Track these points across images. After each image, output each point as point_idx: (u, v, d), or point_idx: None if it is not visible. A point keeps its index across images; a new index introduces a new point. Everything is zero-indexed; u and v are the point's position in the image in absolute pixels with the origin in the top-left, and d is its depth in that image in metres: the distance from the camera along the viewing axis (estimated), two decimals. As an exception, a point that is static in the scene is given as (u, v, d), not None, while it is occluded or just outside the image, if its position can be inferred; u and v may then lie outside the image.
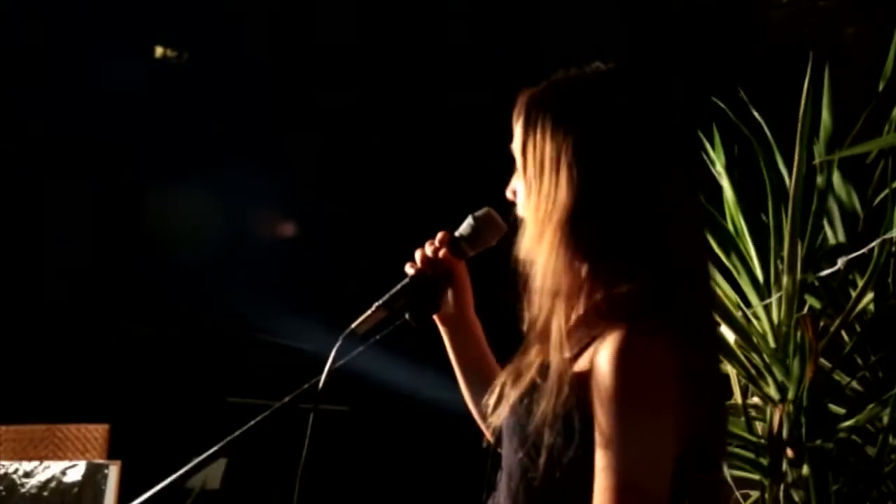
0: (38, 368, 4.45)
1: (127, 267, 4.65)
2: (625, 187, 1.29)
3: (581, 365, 1.24)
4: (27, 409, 3.93)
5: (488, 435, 1.52)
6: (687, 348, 1.23)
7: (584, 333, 1.26)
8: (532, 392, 1.26)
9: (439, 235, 1.51)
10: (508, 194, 1.42)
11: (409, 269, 1.50)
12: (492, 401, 1.34)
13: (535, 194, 1.32)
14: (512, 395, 1.30)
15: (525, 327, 1.33)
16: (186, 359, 4.74)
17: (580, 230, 1.28)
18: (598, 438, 1.20)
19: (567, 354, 1.25)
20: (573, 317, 1.29)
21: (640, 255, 1.28)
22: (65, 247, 4.61)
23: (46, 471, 3.53)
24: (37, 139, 4.56)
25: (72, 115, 4.50)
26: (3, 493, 3.55)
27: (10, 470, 3.53)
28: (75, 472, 3.50)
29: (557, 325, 1.27)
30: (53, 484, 3.52)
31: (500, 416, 1.32)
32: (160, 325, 4.74)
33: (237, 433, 1.48)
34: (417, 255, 1.50)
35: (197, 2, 4.65)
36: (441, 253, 1.49)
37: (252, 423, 1.51)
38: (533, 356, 1.29)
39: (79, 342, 4.65)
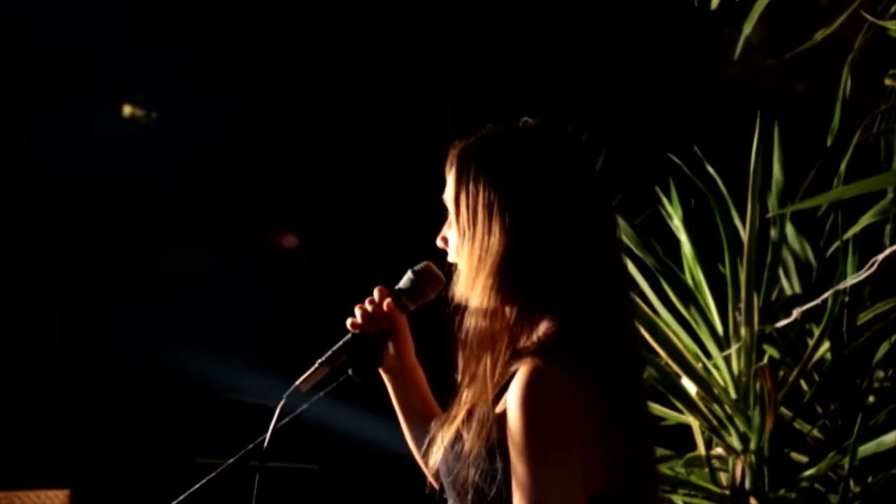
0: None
1: (84, 327, 4.62)
2: (554, 234, 1.34)
3: (501, 405, 1.29)
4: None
5: (431, 480, 1.54)
6: (598, 387, 1.26)
7: (506, 373, 1.31)
8: (460, 436, 1.31)
9: (376, 290, 1.54)
10: (439, 242, 1.46)
11: (350, 326, 1.53)
12: (427, 446, 1.38)
13: (469, 242, 1.36)
14: (444, 440, 1.35)
15: (459, 373, 1.37)
16: (150, 420, 4.68)
17: (512, 275, 1.32)
18: (513, 475, 1.24)
19: (490, 396, 1.29)
20: (500, 361, 1.33)
21: (566, 298, 1.32)
22: (21, 308, 4.57)
23: (6, 539, 3.46)
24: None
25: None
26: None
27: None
28: (36, 539, 3.43)
29: (483, 370, 1.31)
30: (12, 553, 3.45)
31: (436, 461, 1.36)
32: (121, 387, 4.69)
33: (184, 495, 1.47)
34: (357, 311, 1.53)
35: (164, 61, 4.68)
36: (386, 304, 1.52)
37: (200, 483, 1.51)
38: (463, 401, 1.33)
39: (36, 406, 4.58)
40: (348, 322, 1.53)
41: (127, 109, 5.04)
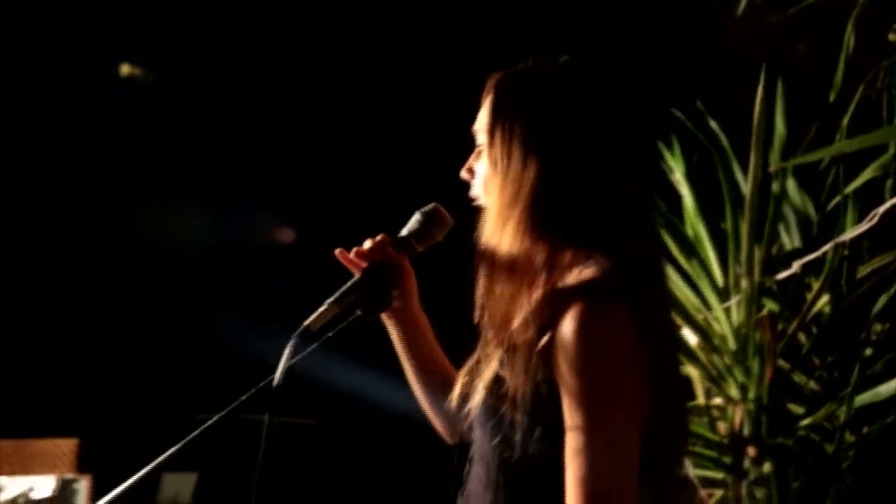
0: (4, 385, 4.42)
1: (99, 280, 4.64)
2: (590, 173, 1.30)
3: (543, 343, 1.25)
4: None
5: (442, 431, 1.54)
6: (644, 325, 1.24)
7: (545, 313, 1.27)
8: (499, 377, 1.27)
9: (379, 237, 1.50)
10: (464, 174, 1.42)
11: (354, 255, 1.49)
12: (456, 394, 1.35)
13: (502, 176, 1.31)
14: (480, 384, 1.29)
15: (479, 315, 1.33)
16: (156, 373, 4.72)
17: (545, 214, 1.29)
18: (566, 410, 1.21)
19: (532, 334, 1.25)
20: (533, 299, 1.29)
21: (602, 237, 1.29)
22: (41, 259, 4.59)
23: (16, 486, 3.52)
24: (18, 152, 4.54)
25: (56, 129, 4.48)
26: (-27, 509, 3.53)
27: (-21, 486, 3.52)
28: (46, 486, 3.49)
29: (522, 307, 1.28)
30: (22, 500, 3.51)
31: (471, 406, 1.32)
32: (130, 338, 4.73)
33: (182, 442, 1.45)
34: (357, 250, 1.49)
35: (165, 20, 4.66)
36: (383, 243, 1.47)
37: (204, 426, 1.48)
38: (494, 342, 1.30)
39: (46, 357, 4.63)
40: (352, 252, 1.49)
41: (125, 69, 5.02)
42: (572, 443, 1.21)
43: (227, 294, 4.56)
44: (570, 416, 1.22)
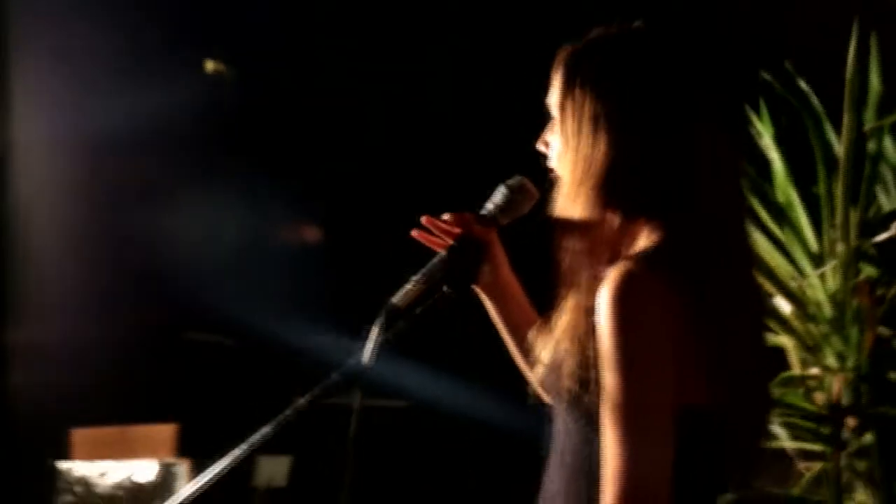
0: (107, 373, 4.57)
1: (186, 271, 4.76)
2: (664, 148, 1.28)
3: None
4: (99, 413, 4.05)
5: (539, 392, 1.51)
6: (693, 297, 1.22)
7: (602, 282, 1.26)
8: (559, 347, 1.29)
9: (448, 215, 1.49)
10: (540, 146, 1.41)
11: (434, 245, 1.49)
12: (531, 359, 1.37)
13: (573, 152, 1.31)
14: (545, 352, 1.32)
15: (559, 283, 1.33)
16: (249, 361, 4.83)
17: (616, 189, 1.28)
18: (602, 379, 1.21)
19: (586, 303, 1.25)
20: (600, 270, 1.28)
21: (670, 210, 1.27)
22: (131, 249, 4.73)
23: (120, 470, 3.64)
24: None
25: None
26: (81, 492, 3.67)
27: (86, 471, 3.65)
28: (148, 470, 3.61)
29: (587, 279, 1.28)
30: (127, 483, 3.63)
31: (540, 375, 1.34)
32: (220, 330, 4.84)
33: (273, 423, 1.45)
34: (439, 226, 1.48)
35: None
36: (468, 221, 1.47)
37: (295, 407, 1.47)
38: (564, 311, 1.30)
39: (145, 346, 4.77)
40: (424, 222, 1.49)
41: (210, 65, 5.11)
42: (606, 416, 1.22)
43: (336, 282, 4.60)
44: (603, 385, 1.22)
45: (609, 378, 1.21)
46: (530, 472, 1.44)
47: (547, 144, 1.41)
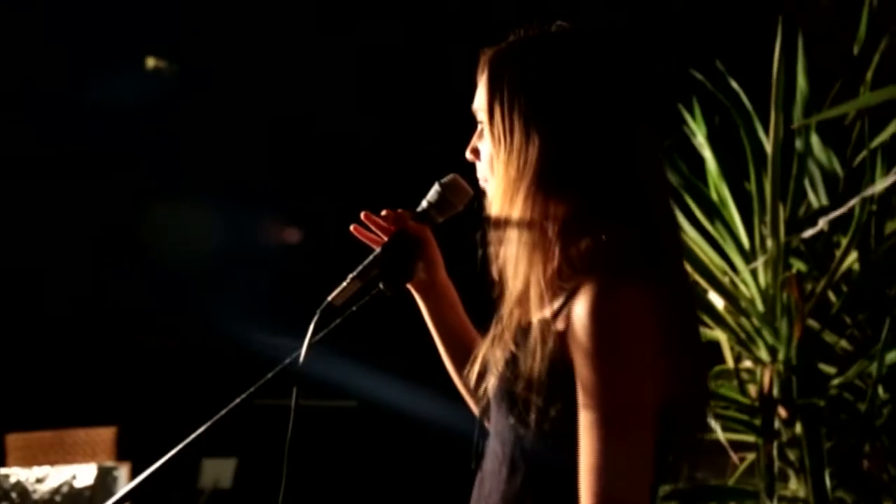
0: (41, 376, 4.49)
1: (126, 273, 4.69)
2: (597, 142, 1.27)
3: (560, 320, 1.23)
4: (34, 417, 3.98)
5: (472, 405, 1.52)
6: (663, 299, 1.22)
7: (559, 289, 1.26)
8: (515, 356, 1.26)
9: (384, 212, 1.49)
10: (469, 155, 1.40)
11: (370, 241, 1.48)
12: (475, 370, 1.32)
13: (506, 152, 1.29)
14: (496, 362, 1.28)
15: (497, 291, 1.31)
16: (191, 362, 4.78)
17: (554, 186, 1.26)
18: (580, 391, 1.19)
19: (547, 312, 1.24)
20: (548, 273, 1.27)
21: (613, 209, 1.26)
22: (64, 254, 4.65)
23: (57, 476, 3.58)
24: (36, 149, 4.60)
25: (70, 126, 4.53)
26: (17, 499, 3.60)
27: (23, 477, 3.58)
28: (86, 475, 3.55)
29: (536, 284, 1.26)
30: (65, 488, 3.57)
31: (487, 384, 1.30)
32: (163, 331, 4.78)
33: (210, 422, 1.44)
34: (375, 222, 1.48)
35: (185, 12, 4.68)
36: (403, 218, 1.47)
37: (229, 407, 1.47)
38: (510, 319, 1.28)
39: (82, 348, 4.69)
40: (363, 217, 1.48)
41: (150, 62, 5.04)
42: (586, 428, 1.20)
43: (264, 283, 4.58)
44: (584, 399, 1.20)
45: (596, 390, 1.19)
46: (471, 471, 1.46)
47: (476, 153, 1.39)
